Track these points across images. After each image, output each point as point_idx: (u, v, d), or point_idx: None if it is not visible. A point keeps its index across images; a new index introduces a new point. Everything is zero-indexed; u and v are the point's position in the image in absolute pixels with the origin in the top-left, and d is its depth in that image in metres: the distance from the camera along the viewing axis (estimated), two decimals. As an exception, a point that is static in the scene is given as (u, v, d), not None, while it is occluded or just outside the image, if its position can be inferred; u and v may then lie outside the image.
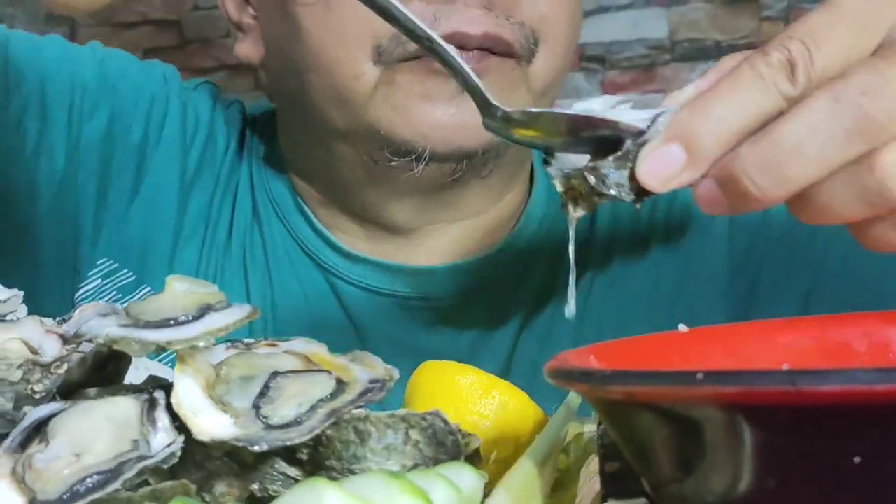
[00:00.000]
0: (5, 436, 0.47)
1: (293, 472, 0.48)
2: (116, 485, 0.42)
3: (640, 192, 0.51)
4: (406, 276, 0.87)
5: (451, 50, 0.54)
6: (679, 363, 0.46)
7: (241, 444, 0.45)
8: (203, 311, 0.48)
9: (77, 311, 0.56)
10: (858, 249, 0.80)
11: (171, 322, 0.48)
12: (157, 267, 0.88)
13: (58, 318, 0.56)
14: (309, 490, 0.37)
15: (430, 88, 0.76)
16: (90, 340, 0.47)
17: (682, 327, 0.52)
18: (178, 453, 0.45)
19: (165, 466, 0.45)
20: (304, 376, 0.49)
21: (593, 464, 0.55)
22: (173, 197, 0.90)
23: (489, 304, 0.88)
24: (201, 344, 0.47)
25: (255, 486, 0.48)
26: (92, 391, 0.51)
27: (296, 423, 0.46)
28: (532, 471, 0.42)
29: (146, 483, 0.45)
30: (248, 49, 0.88)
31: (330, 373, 0.50)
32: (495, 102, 0.54)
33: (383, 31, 0.74)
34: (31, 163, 0.85)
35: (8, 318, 0.52)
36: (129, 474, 0.42)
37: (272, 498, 0.48)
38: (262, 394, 0.48)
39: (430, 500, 0.38)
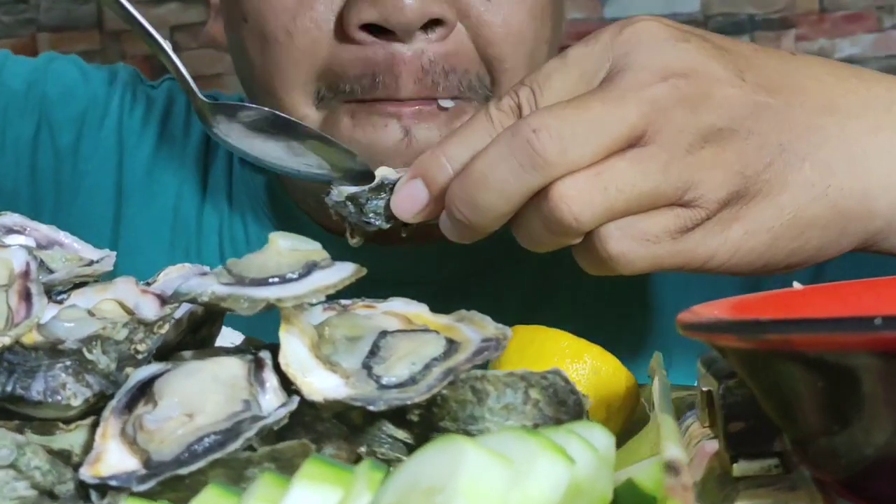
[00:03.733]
0: (109, 396, 0.45)
1: (401, 434, 0.47)
2: (237, 444, 0.40)
3: (397, 220, 0.56)
4: (399, 258, 0.82)
5: (166, 45, 0.58)
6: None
7: (357, 405, 0.43)
8: (309, 269, 0.47)
9: (161, 274, 0.54)
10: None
11: (277, 279, 0.46)
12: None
13: (142, 282, 0.54)
14: (447, 446, 0.35)
15: (372, 135, 0.71)
16: (194, 300, 0.46)
17: (797, 285, 0.50)
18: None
19: (276, 428, 0.43)
20: (412, 335, 0.47)
21: (693, 427, 0.53)
22: (110, 200, 0.88)
23: (488, 283, 0.84)
24: (312, 301, 0.45)
25: (363, 449, 0.47)
26: (187, 353, 0.49)
27: (410, 382, 0.45)
28: (675, 425, 0.41)
29: (251, 447, 0.44)
30: (214, 34, 0.83)
31: (437, 332, 0.48)
32: (200, 95, 0.59)
33: (322, 73, 0.69)
34: None
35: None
36: (249, 433, 0.41)
37: (380, 462, 0.47)
38: (372, 353, 0.47)
39: (572, 459, 0.36)
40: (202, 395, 0.44)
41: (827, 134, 0.54)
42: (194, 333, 0.51)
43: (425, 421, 0.46)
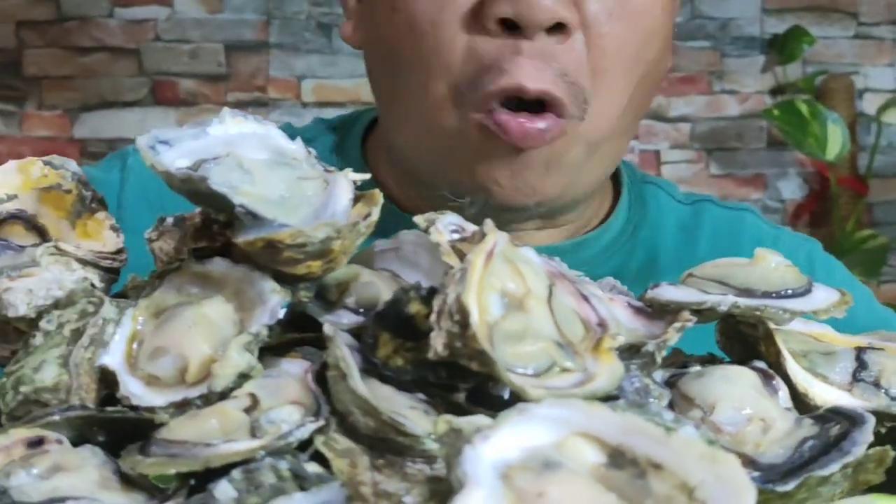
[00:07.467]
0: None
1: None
2: (860, 450, 0.42)
3: None
4: None
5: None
6: None
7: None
8: (809, 284, 0.49)
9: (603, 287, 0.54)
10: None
11: (790, 293, 0.48)
12: None
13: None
14: None
15: (493, 148, 0.76)
16: (710, 309, 0.47)
17: None
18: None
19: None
20: (886, 353, 0.51)
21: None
22: None
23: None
24: (837, 316, 0.48)
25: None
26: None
27: (920, 396, 0.48)
28: None
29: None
30: (348, 32, 0.86)
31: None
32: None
33: (461, 61, 0.74)
34: None
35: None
36: (865, 438, 0.43)
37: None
38: (861, 367, 0.49)
39: None
40: (755, 401, 0.46)
41: None
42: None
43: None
